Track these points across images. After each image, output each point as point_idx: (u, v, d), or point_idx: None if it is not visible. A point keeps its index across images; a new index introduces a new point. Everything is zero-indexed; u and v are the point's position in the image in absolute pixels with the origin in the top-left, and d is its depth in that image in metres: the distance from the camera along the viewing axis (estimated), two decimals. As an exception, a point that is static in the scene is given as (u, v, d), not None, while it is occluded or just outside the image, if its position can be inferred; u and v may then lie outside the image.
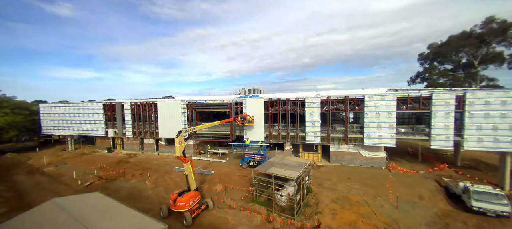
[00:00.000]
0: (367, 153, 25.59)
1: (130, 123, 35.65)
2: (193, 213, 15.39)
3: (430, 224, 14.60)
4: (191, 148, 33.64)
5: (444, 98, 21.08)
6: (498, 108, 19.25)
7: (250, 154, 27.09)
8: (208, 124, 23.31)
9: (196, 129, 18.71)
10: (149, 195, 20.05)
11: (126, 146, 38.49)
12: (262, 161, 24.62)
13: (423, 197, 18.03)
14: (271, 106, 28.63)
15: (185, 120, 32.39)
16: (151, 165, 29.23)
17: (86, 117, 38.29)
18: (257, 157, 26.47)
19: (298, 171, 16.63)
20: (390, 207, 16.52)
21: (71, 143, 41.50)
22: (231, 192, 20.05)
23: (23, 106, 46.47)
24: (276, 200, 16.56)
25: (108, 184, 22.90)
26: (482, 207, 15.18)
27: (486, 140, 19.73)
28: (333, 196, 18.36)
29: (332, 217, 15.50)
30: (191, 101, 33.23)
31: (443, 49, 50.32)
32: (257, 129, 28.66)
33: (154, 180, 23.42)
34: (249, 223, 14.82)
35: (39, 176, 26.48)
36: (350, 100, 25.09)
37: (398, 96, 23.01)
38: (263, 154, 26.43)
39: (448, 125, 20.99)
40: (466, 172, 23.27)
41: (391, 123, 22.92)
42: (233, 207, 17.20)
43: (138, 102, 35.26)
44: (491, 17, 42.88)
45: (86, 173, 26.25)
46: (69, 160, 33.65)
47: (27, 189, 22.67)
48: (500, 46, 44.00)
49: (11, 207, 18.42)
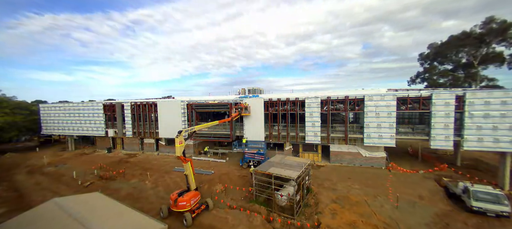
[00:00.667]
0: (367, 153, 25.60)
1: (130, 123, 35.69)
2: (193, 213, 15.39)
3: (430, 224, 14.60)
4: (191, 148, 33.67)
5: (444, 98, 21.09)
6: (498, 108, 19.25)
7: (250, 154, 27.04)
8: (207, 124, 23.29)
9: (195, 129, 18.68)
10: (149, 195, 20.05)
11: (126, 146, 38.51)
12: (262, 161, 24.49)
13: (423, 197, 18.04)
14: (271, 106, 28.65)
15: (185, 120, 32.41)
16: (151, 165, 29.24)
17: (86, 117, 38.34)
18: (257, 156, 26.44)
19: (298, 171, 16.64)
20: (390, 207, 16.52)
21: (71, 143, 41.55)
22: (231, 192, 20.06)
23: (23, 106, 46.49)
24: (276, 200, 16.56)
25: (108, 184, 22.90)
26: (482, 207, 15.19)
27: (486, 140, 19.74)
28: (333, 196, 18.36)
29: (332, 217, 15.50)
30: (191, 101, 33.26)
31: (443, 49, 50.34)
32: (257, 128, 28.66)
33: (154, 180, 23.43)
34: (249, 223, 14.82)
35: (39, 176, 26.48)
36: (350, 100, 25.11)
37: (398, 96, 23.03)
38: (263, 153, 26.39)
39: (448, 125, 21.00)
40: (466, 172, 23.28)
41: (391, 123, 22.94)
42: (233, 207, 17.20)
43: (138, 102, 35.30)
44: (491, 17, 42.87)
45: (86, 173, 26.26)
46: (69, 160, 33.66)
47: (27, 189, 22.68)
48: (500, 46, 44.03)
49: (11, 207, 18.43)
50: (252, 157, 26.78)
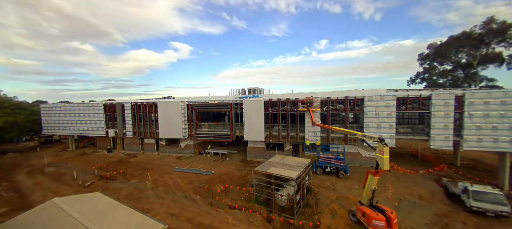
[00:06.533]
0: (367, 153, 25.64)
1: (131, 123, 35.74)
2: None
3: (430, 224, 14.64)
4: (191, 148, 33.73)
5: (443, 98, 21.13)
6: (498, 108, 19.28)
7: (326, 159, 23.92)
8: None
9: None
10: (149, 195, 20.10)
11: (126, 146, 38.55)
12: (341, 167, 22.57)
13: (423, 197, 18.08)
14: (271, 106, 28.68)
15: (185, 120, 32.46)
16: (151, 165, 29.29)
17: (86, 117, 38.39)
18: (335, 162, 23.23)
19: (298, 171, 16.69)
20: (390, 207, 16.51)
21: (71, 143, 41.61)
22: (231, 192, 20.10)
23: (24, 106, 46.56)
24: (276, 200, 16.61)
25: (109, 184, 22.94)
26: (481, 207, 15.23)
27: (486, 140, 19.76)
28: (333, 196, 18.41)
29: (332, 217, 15.55)
30: (191, 101, 33.30)
31: (442, 49, 50.44)
32: (256, 129, 28.69)
33: (154, 180, 23.48)
34: (249, 223, 14.86)
35: (39, 176, 26.53)
36: (349, 101, 25.15)
37: (397, 96, 23.07)
38: (343, 159, 23.16)
39: (448, 125, 21.03)
40: (465, 172, 23.32)
41: (390, 123, 22.97)
42: (235, 207, 17.25)
43: (138, 102, 35.36)
44: (491, 17, 42.97)
45: (87, 173, 26.31)
46: (70, 160, 33.72)
47: (28, 189, 22.72)
48: (499, 47, 44.11)
49: (11, 207, 18.47)
50: (328, 162, 23.56)
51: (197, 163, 29.19)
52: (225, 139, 31.78)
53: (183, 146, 34.12)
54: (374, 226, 12.93)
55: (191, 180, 23.01)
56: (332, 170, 23.20)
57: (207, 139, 32.98)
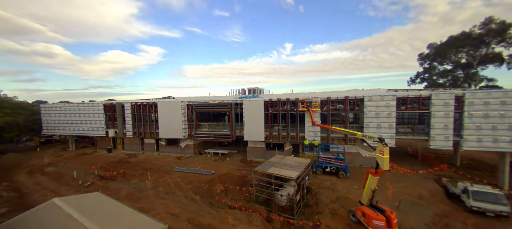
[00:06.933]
0: (367, 153, 25.64)
1: (131, 123, 35.73)
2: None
3: (430, 224, 14.65)
4: (191, 148, 33.73)
5: (443, 98, 21.14)
6: (497, 108, 19.30)
7: (326, 159, 23.94)
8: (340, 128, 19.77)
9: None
10: (149, 195, 20.10)
11: (126, 146, 38.55)
12: (341, 167, 22.67)
13: (423, 197, 18.09)
14: (271, 106, 28.68)
15: (185, 120, 32.46)
16: (151, 165, 29.28)
17: (86, 117, 38.38)
18: (335, 162, 23.29)
19: (298, 171, 16.69)
20: (390, 207, 16.52)
21: (71, 143, 41.59)
22: (231, 192, 20.10)
23: (24, 106, 46.66)
24: (276, 200, 16.61)
25: (109, 184, 22.93)
26: (481, 207, 15.24)
27: (486, 140, 19.78)
28: (333, 196, 18.41)
29: (332, 217, 15.56)
30: (191, 101, 33.29)
31: (442, 49, 50.46)
32: (256, 129, 28.69)
33: (155, 180, 23.48)
34: (249, 223, 14.86)
35: (39, 176, 26.52)
36: (349, 100, 25.15)
37: (397, 96, 23.07)
38: (343, 159, 23.21)
39: (448, 125, 21.04)
40: (465, 172, 23.31)
41: (390, 123, 22.97)
42: (235, 206, 17.25)
43: (138, 102, 35.36)
44: (491, 17, 42.98)
45: (87, 173, 26.30)
46: (70, 160, 33.71)
47: (28, 189, 22.71)
48: (499, 47, 44.13)
49: (11, 207, 18.48)
50: (328, 162, 23.57)
51: (197, 163, 29.19)
52: (225, 139, 31.78)
53: (183, 146, 34.12)
54: (374, 226, 12.95)
55: (191, 180, 23.01)
56: (332, 170, 23.23)
57: (207, 139, 32.97)
